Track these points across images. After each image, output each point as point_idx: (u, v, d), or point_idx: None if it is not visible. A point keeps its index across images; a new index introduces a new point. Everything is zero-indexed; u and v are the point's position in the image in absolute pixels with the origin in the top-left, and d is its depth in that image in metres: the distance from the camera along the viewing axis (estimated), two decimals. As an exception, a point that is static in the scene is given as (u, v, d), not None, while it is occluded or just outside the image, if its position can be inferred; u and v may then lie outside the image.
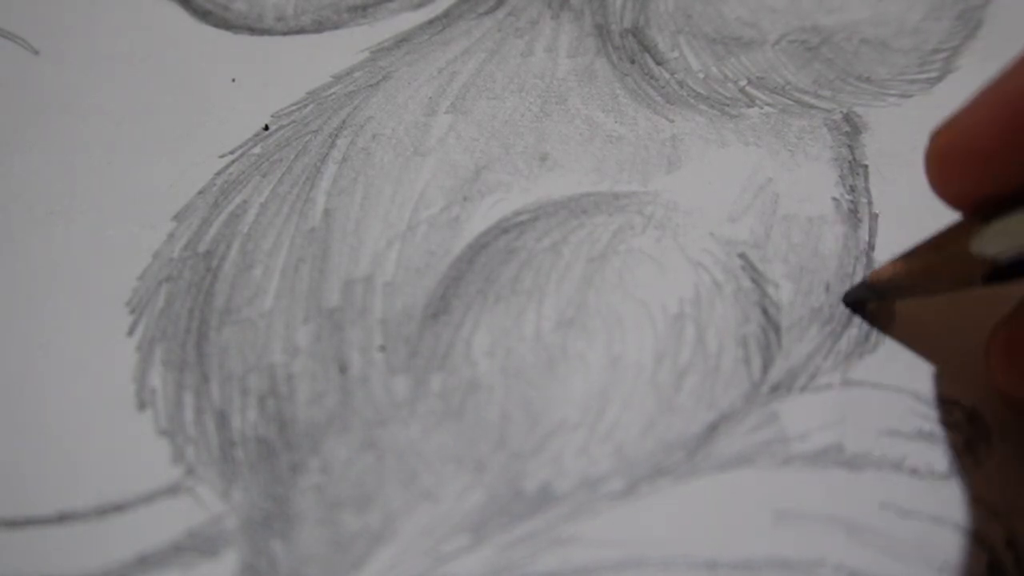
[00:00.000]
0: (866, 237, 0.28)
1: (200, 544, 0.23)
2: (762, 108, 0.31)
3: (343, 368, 0.26)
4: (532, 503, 0.24)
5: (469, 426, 0.25)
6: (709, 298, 0.27)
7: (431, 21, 0.33)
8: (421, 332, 0.26)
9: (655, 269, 0.27)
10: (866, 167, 0.30)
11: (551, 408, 0.25)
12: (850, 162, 0.30)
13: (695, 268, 0.27)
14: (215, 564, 0.23)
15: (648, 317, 0.27)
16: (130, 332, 0.26)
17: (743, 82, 0.31)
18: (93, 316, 0.27)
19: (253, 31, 0.33)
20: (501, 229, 0.28)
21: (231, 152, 0.30)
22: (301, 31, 0.33)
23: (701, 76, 0.32)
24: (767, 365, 0.26)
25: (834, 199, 0.29)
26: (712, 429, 0.25)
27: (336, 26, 0.33)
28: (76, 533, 0.24)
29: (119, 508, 0.24)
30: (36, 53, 0.32)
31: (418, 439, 0.25)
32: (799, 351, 0.26)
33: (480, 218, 0.28)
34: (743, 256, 0.28)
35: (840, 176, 0.29)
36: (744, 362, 0.26)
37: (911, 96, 0.31)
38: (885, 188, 0.29)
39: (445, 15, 0.33)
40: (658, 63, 0.32)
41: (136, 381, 0.26)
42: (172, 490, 0.24)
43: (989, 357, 0.25)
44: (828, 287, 0.27)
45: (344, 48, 0.32)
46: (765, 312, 0.27)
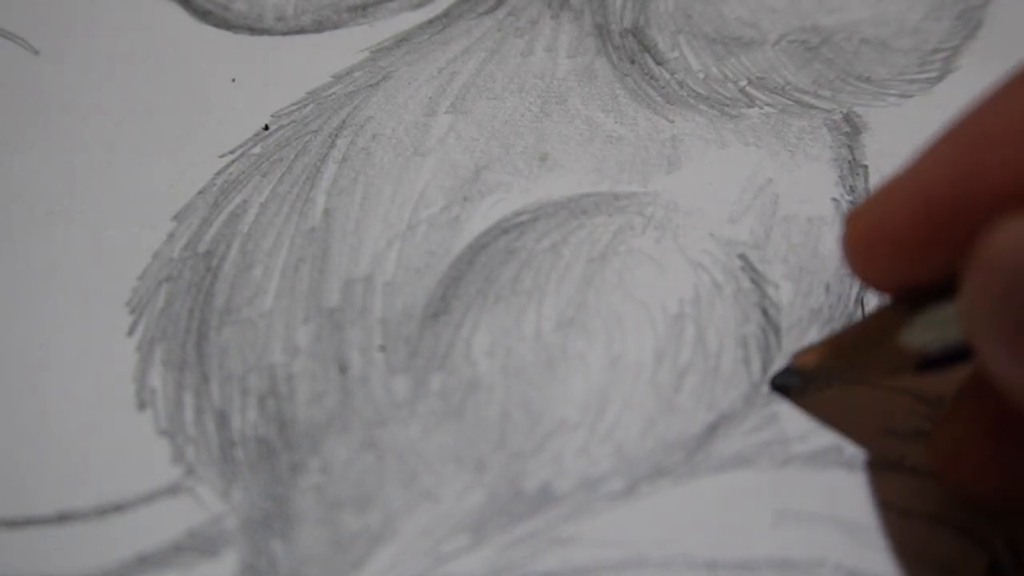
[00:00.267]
0: (866, 237, 0.28)
1: (200, 544, 0.23)
2: (762, 108, 0.31)
3: (343, 368, 0.26)
4: (532, 503, 0.24)
5: (469, 426, 0.25)
6: (709, 299, 0.27)
7: (431, 21, 0.33)
8: (421, 332, 0.26)
9: (655, 270, 0.27)
10: (866, 167, 0.30)
11: (551, 408, 0.25)
12: (850, 162, 0.30)
13: (695, 269, 0.27)
14: (215, 564, 0.23)
15: (648, 317, 0.27)
16: (130, 332, 0.26)
17: (743, 82, 0.31)
18: (93, 316, 0.27)
19: (253, 31, 0.33)
20: (501, 229, 0.28)
21: (231, 152, 0.30)
22: (301, 31, 0.33)
23: (701, 76, 0.32)
24: (767, 366, 0.26)
25: (834, 200, 0.29)
26: (712, 429, 0.25)
27: (336, 26, 0.33)
28: (76, 533, 0.24)
29: (119, 508, 0.24)
30: (36, 53, 0.32)
31: (418, 439, 0.25)
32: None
33: (480, 218, 0.28)
34: (743, 257, 0.28)
35: (840, 176, 0.29)
36: (744, 363, 0.26)
37: (911, 96, 0.31)
38: (885, 188, 0.29)
39: (445, 15, 0.33)
40: (658, 63, 0.32)
41: (136, 381, 0.26)
42: (172, 490, 0.24)
43: (936, 461, 0.23)
44: (828, 288, 0.27)
45: (344, 48, 0.32)
46: (765, 313, 0.27)
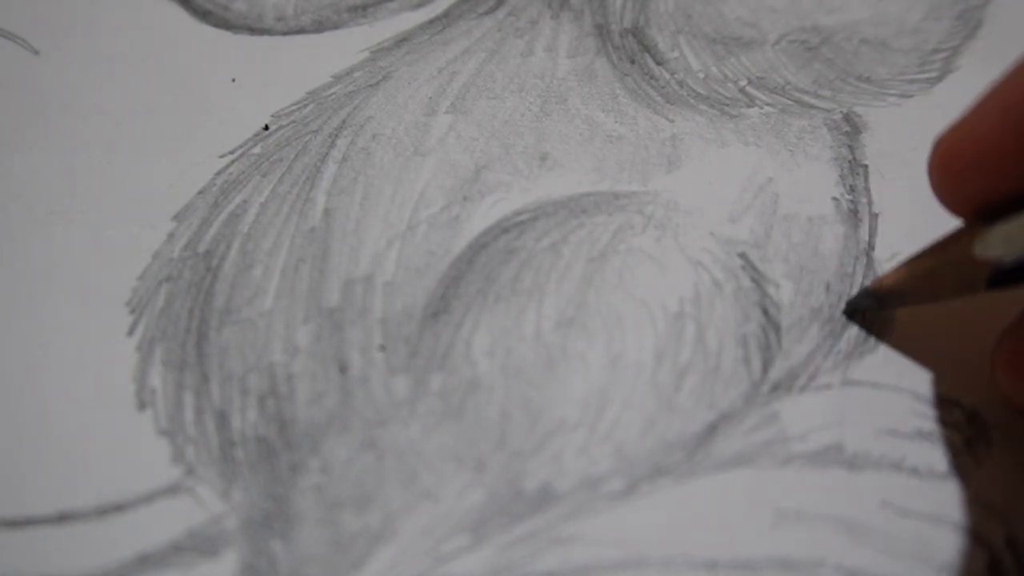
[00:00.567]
0: (866, 237, 0.28)
1: (200, 544, 0.23)
2: (762, 108, 0.31)
3: (343, 368, 0.26)
4: (532, 503, 0.24)
5: (469, 426, 0.25)
6: (709, 298, 0.27)
7: (431, 21, 0.33)
8: (421, 332, 0.26)
9: (655, 269, 0.27)
10: (866, 167, 0.30)
11: (551, 408, 0.25)
12: (850, 162, 0.30)
13: (695, 268, 0.27)
14: (215, 564, 0.23)
15: (648, 317, 0.27)
16: (130, 332, 0.26)
17: (743, 82, 0.31)
18: (93, 316, 0.27)
19: (253, 31, 0.33)
20: (501, 229, 0.28)
21: (231, 152, 0.30)
22: (301, 31, 0.33)
23: (701, 76, 0.32)
24: (767, 365, 0.26)
25: (834, 199, 0.29)
26: (712, 429, 0.25)
27: (336, 26, 0.33)
28: (76, 533, 0.24)
29: (119, 508, 0.24)
30: (36, 53, 0.32)
31: (418, 439, 0.25)
32: (799, 351, 0.26)
33: (480, 218, 0.28)
34: (743, 256, 0.28)
35: (840, 176, 0.29)
36: (744, 362, 0.26)
37: (911, 96, 0.31)
38: (885, 188, 0.29)
39: (445, 15, 0.33)
40: (658, 63, 0.32)
41: (136, 381, 0.26)
42: (172, 490, 0.24)
43: (995, 368, 0.25)
44: (828, 287, 0.27)
45: (344, 48, 0.32)
46: (765, 312, 0.27)
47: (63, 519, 0.24)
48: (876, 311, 0.27)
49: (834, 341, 0.26)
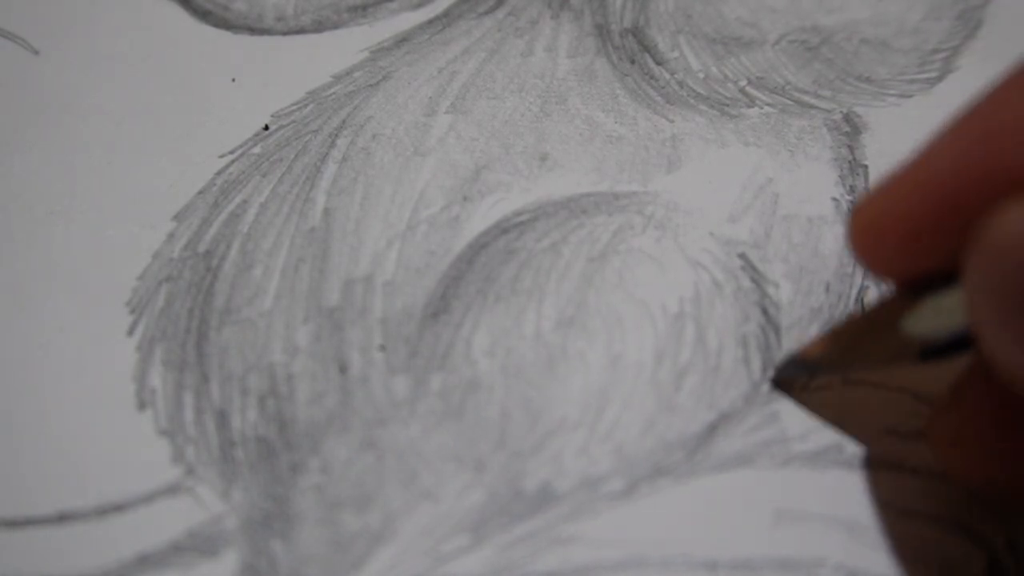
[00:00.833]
0: (866, 237, 0.28)
1: (200, 544, 0.23)
2: (762, 108, 0.31)
3: (343, 368, 0.26)
4: (532, 503, 0.24)
5: (469, 426, 0.25)
6: (709, 298, 0.27)
7: (431, 21, 0.33)
8: (421, 332, 0.26)
9: (655, 269, 0.27)
10: (866, 167, 0.30)
11: (551, 407, 0.25)
12: (850, 162, 0.30)
13: (695, 268, 0.27)
14: (215, 564, 0.23)
15: (648, 317, 0.27)
16: (130, 332, 0.26)
17: (743, 82, 0.31)
18: (93, 316, 0.27)
19: (253, 31, 0.33)
20: (501, 229, 0.28)
21: (231, 152, 0.30)
22: (301, 31, 0.33)
23: (701, 76, 0.32)
24: (767, 365, 0.26)
25: (834, 199, 0.29)
26: (712, 429, 0.25)
27: (336, 26, 0.33)
28: (76, 533, 0.24)
29: (119, 508, 0.24)
30: (36, 53, 0.32)
31: (418, 439, 0.25)
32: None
33: (480, 218, 0.28)
34: (743, 256, 0.28)
35: (840, 176, 0.29)
36: (744, 362, 0.26)
37: (911, 96, 0.31)
38: (885, 188, 0.29)
39: (445, 15, 0.33)
40: (658, 63, 0.32)
41: (136, 381, 0.26)
42: (172, 490, 0.24)
43: (934, 448, 0.23)
44: (828, 287, 0.27)
45: (344, 48, 0.32)
46: (765, 312, 0.27)
47: (63, 519, 0.24)
48: (803, 384, 0.26)
49: (834, 341, 0.26)
